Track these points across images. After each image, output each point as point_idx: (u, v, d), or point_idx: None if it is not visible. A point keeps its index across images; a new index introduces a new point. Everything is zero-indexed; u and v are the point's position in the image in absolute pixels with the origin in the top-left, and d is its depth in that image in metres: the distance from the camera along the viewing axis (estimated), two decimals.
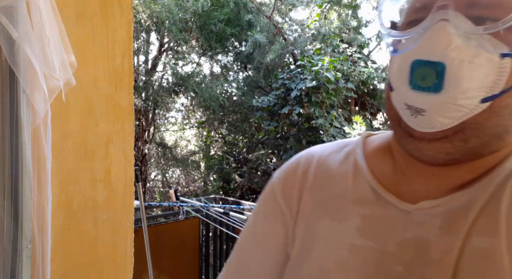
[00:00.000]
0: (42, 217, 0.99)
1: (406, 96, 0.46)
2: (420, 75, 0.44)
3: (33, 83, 0.94)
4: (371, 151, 0.59)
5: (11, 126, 0.94)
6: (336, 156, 0.61)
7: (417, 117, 0.46)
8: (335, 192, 0.57)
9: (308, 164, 0.62)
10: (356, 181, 0.56)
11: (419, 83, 0.44)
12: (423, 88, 0.44)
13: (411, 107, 0.46)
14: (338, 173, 0.59)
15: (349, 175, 0.58)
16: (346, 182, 0.57)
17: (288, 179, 0.63)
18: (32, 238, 0.97)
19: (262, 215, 0.65)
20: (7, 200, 0.94)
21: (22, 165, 0.94)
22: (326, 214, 0.56)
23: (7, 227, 0.94)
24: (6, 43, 0.90)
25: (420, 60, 0.44)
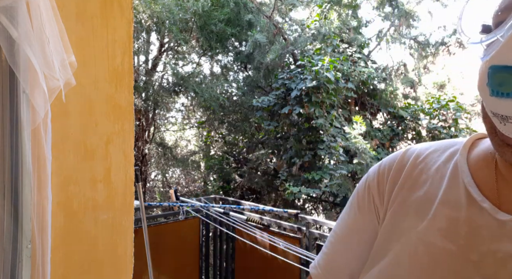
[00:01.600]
0: (42, 217, 0.99)
1: (489, 103, 0.44)
2: (497, 81, 0.42)
3: (33, 83, 0.94)
4: (475, 155, 0.56)
5: (11, 126, 0.94)
6: (438, 156, 0.59)
7: (506, 124, 0.43)
8: (426, 191, 0.56)
9: (406, 161, 0.61)
10: (451, 182, 0.54)
11: (497, 88, 0.42)
12: (502, 94, 0.42)
13: (496, 114, 0.44)
14: (436, 173, 0.57)
15: (445, 175, 0.55)
16: (441, 182, 0.55)
17: (382, 174, 0.63)
18: (32, 238, 0.97)
19: (355, 207, 0.65)
20: (7, 200, 0.94)
21: (22, 165, 0.94)
22: (412, 211, 0.55)
23: (7, 227, 0.94)
24: (6, 43, 0.90)
25: (496, 66, 0.42)
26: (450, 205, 0.52)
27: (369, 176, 0.66)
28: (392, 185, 0.60)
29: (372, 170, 0.66)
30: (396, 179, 0.60)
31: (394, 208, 0.58)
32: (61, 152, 1.20)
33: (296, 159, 6.66)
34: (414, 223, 0.54)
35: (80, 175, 1.26)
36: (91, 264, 1.30)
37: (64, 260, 1.22)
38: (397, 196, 0.59)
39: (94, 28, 1.26)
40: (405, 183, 0.59)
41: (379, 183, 0.62)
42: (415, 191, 0.57)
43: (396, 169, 0.61)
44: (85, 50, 1.24)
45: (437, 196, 0.54)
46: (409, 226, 0.54)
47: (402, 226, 0.55)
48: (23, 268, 0.95)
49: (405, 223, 0.55)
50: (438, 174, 0.56)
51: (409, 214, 0.55)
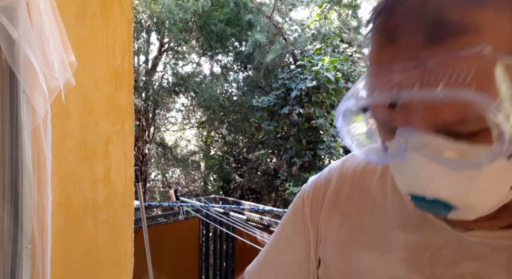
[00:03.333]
0: (42, 217, 0.99)
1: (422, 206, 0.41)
2: (426, 208, 0.41)
3: (33, 83, 0.94)
4: None
5: (11, 126, 0.94)
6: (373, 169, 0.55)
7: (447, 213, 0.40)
8: (374, 217, 0.52)
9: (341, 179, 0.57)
10: (396, 201, 0.51)
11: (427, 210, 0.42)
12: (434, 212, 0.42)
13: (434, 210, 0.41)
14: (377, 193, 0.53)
15: (388, 193, 0.52)
16: (385, 203, 0.52)
17: (317, 195, 0.59)
18: (32, 238, 0.97)
19: (288, 225, 0.63)
20: (7, 200, 0.94)
21: (22, 165, 0.94)
22: (366, 243, 0.51)
23: (7, 227, 0.94)
24: (6, 43, 0.90)
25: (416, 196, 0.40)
26: (403, 229, 0.49)
27: (305, 191, 0.62)
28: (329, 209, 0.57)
29: (309, 185, 0.62)
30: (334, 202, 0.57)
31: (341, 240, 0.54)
32: (61, 152, 1.20)
33: (296, 159, 6.66)
34: (373, 258, 0.50)
35: (80, 175, 1.26)
36: (91, 264, 1.30)
37: (64, 260, 1.22)
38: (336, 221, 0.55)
39: (94, 28, 1.26)
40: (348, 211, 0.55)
41: (312, 203, 0.59)
42: (361, 219, 0.53)
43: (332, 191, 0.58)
44: (85, 50, 1.24)
45: (386, 221, 0.51)
46: (368, 262, 0.50)
47: (359, 262, 0.51)
48: (23, 268, 0.95)
49: (362, 259, 0.51)
50: (379, 193, 0.53)
51: (363, 248, 0.51)
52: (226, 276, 4.83)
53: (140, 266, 2.60)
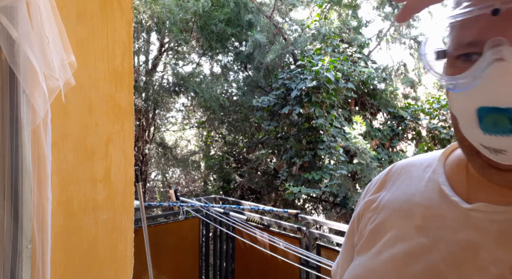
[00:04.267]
0: (42, 217, 0.99)
1: (480, 138, 0.45)
2: (491, 122, 0.43)
3: (33, 83, 0.94)
4: (451, 161, 0.62)
5: (11, 126, 0.94)
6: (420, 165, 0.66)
7: (498, 155, 0.45)
8: (407, 194, 0.62)
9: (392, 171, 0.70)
10: (428, 185, 0.60)
11: (491, 128, 0.43)
12: (497, 131, 0.43)
13: (488, 148, 0.45)
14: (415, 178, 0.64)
15: (424, 179, 0.62)
16: (419, 185, 0.62)
17: (372, 184, 0.72)
18: (32, 238, 0.97)
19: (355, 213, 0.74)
20: (7, 200, 0.94)
21: (22, 165, 0.94)
22: (394, 211, 0.62)
23: (7, 227, 0.94)
24: (6, 43, 0.90)
25: (486, 108, 0.42)
26: (425, 204, 0.59)
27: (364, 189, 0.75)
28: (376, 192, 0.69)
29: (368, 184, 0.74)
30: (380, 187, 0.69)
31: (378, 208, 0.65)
32: (61, 152, 1.20)
33: (296, 159, 6.66)
34: (396, 220, 0.61)
35: (80, 175, 1.26)
36: (91, 264, 1.30)
37: (64, 260, 1.22)
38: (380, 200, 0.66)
39: (94, 28, 1.26)
40: (390, 189, 0.67)
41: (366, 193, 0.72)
42: (397, 195, 0.64)
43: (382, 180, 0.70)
44: (85, 50, 1.24)
45: (415, 197, 0.61)
46: (390, 223, 0.61)
47: (384, 223, 0.62)
48: (23, 268, 0.95)
49: (388, 223, 0.62)
50: (417, 179, 0.63)
51: (390, 213, 0.63)
52: (226, 276, 4.83)
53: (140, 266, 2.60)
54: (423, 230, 0.56)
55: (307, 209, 7.91)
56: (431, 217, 0.56)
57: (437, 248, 0.53)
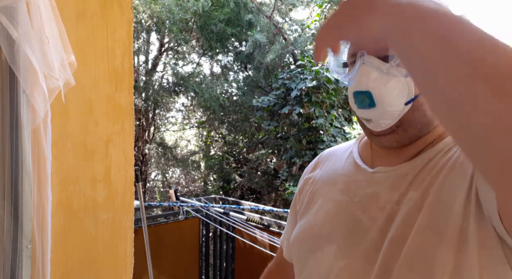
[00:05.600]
0: (42, 217, 0.99)
1: (358, 112, 0.72)
2: (359, 99, 0.69)
3: (33, 83, 0.94)
4: (362, 143, 0.87)
5: (11, 126, 0.94)
6: (342, 148, 0.92)
7: (369, 124, 0.71)
8: (332, 169, 0.87)
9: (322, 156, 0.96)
10: (347, 162, 0.85)
11: (360, 104, 0.69)
12: (363, 106, 0.69)
13: (363, 118, 0.72)
14: (339, 157, 0.88)
15: (344, 158, 0.87)
16: (341, 162, 0.86)
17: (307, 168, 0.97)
18: (32, 238, 0.97)
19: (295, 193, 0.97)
20: (7, 200, 0.94)
21: (22, 165, 0.94)
22: (325, 182, 0.86)
23: (7, 227, 0.94)
24: (6, 43, 0.90)
25: (356, 91, 0.69)
26: (345, 173, 0.82)
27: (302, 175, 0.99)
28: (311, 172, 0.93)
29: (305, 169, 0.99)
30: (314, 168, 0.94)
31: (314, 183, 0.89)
32: (61, 152, 1.20)
33: (296, 159, 6.66)
34: (326, 188, 0.84)
35: (80, 175, 1.26)
36: (91, 264, 1.30)
37: (64, 260, 1.22)
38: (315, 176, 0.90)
39: (94, 28, 1.26)
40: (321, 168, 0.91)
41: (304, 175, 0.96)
42: (326, 171, 0.89)
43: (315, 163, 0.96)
44: (85, 50, 1.24)
45: (338, 170, 0.85)
46: (322, 191, 0.84)
47: (318, 191, 0.86)
48: (23, 268, 0.95)
49: (320, 191, 0.85)
50: (340, 158, 0.88)
51: (322, 184, 0.86)
52: (226, 276, 4.83)
53: (140, 266, 2.60)
54: (345, 191, 0.78)
55: None
56: (350, 181, 0.79)
57: (354, 201, 0.75)
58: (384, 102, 0.66)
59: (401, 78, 0.66)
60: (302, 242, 0.82)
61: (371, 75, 0.66)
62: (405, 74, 0.66)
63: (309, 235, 0.81)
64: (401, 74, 0.66)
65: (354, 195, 0.76)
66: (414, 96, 0.67)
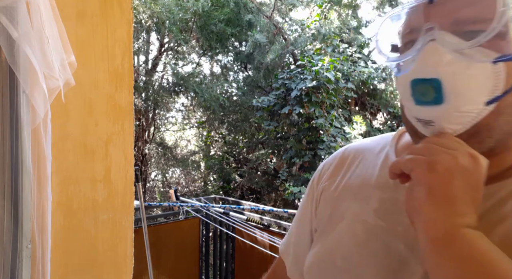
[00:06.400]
0: (42, 217, 0.99)
1: (414, 111, 0.52)
2: (419, 91, 0.50)
3: (33, 83, 0.94)
4: (401, 146, 0.67)
5: (11, 126, 0.94)
6: (373, 149, 0.70)
7: (428, 128, 0.51)
8: (363, 178, 0.66)
9: (345, 155, 0.73)
10: (382, 169, 0.64)
11: (420, 98, 0.50)
12: (425, 102, 0.49)
13: (420, 120, 0.52)
14: (370, 163, 0.67)
15: (378, 164, 0.66)
16: (374, 170, 0.65)
17: (325, 168, 0.75)
18: (32, 238, 0.97)
19: (305, 196, 0.78)
20: (7, 200, 0.94)
21: (22, 165, 0.94)
22: (351, 195, 0.66)
23: (7, 227, 0.94)
24: (6, 43, 0.90)
25: (416, 79, 0.50)
26: (381, 187, 0.62)
27: (316, 172, 0.77)
28: (332, 177, 0.71)
29: (319, 167, 0.78)
30: (336, 172, 0.71)
31: (335, 193, 0.68)
32: (61, 152, 1.20)
33: (296, 159, 6.66)
34: (354, 205, 0.64)
35: (80, 175, 1.26)
36: (91, 264, 1.30)
37: (64, 260, 1.22)
38: (337, 185, 0.69)
39: (94, 28, 1.26)
40: (345, 174, 0.70)
41: (319, 178, 0.74)
42: (353, 180, 0.68)
43: (336, 165, 0.73)
44: (85, 50, 1.24)
45: (370, 181, 0.64)
46: (348, 208, 0.65)
47: (342, 208, 0.66)
48: (23, 268, 0.95)
49: (345, 205, 0.65)
50: (372, 164, 0.67)
51: (348, 198, 0.66)
52: (226, 276, 4.83)
53: (140, 266, 2.60)
54: (380, 214, 0.60)
55: None
56: (388, 201, 0.60)
57: (395, 230, 0.57)
58: (458, 98, 0.47)
59: (487, 64, 0.46)
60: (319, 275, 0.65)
61: (443, 57, 0.47)
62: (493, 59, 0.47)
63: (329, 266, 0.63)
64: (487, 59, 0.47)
65: (394, 221, 0.57)
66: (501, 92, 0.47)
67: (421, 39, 0.49)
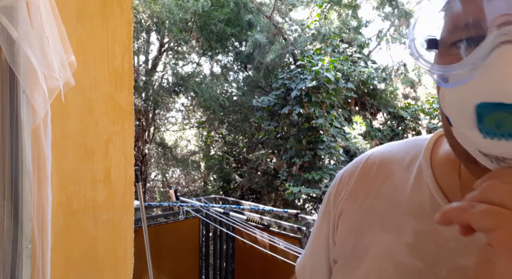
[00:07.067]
0: (42, 217, 0.99)
1: (479, 144, 0.37)
2: (494, 121, 0.34)
3: (33, 83, 0.94)
4: (439, 157, 0.52)
5: (11, 126, 0.94)
6: (401, 159, 0.55)
7: (500, 165, 0.37)
8: (391, 200, 0.52)
9: (368, 166, 0.58)
10: (415, 188, 0.51)
11: (493, 130, 0.34)
12: (500, 135, 0.34)
13: (488, 155, 0.37)
14: (399, 180, 0.53)
15: (409, 182, 0.52)
16: (404, 188, 0.52)
17: (343, 182, 0.60)
18: (32, 238, 0.97)
19: (320, 212, 0.65)
20: (7, 200, 0.94)
21: (22, 165, 0.94)
22: (377, 222, 0.53)
23: (7, 227, 0.94)
24: (6, 43, 0.90)
25: (489, 104, 0.34)
26: (415, 214, 0.49)
27: (335, 180, 0.63)
28: (352, 197, 0.58)
29: (339, 174, 0.63)
30: (357, 189, 0.57)
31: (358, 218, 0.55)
32: (61, 152, 1.20)
33: (296, 159, 6.66)
34: (380, 237, 0.51)
35: (80, 175, 1.26)
36: (91, 264, 1.30)
37: (64, 260, 1.22)
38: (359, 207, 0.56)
39: (94, 28, 1.26)
40: (369, 192, 0.56)
41: (338, 189, 0.61)
42: (379, 201, 0.54)
43: (357, 179, 0.58)
44: (85, 50, 1.24)
45: (401, 205, 0.51)
46: (375, 240, 0.52)
47: (367, 239, 0.53)
48: (23, 268, 0.95)
49: (370, 236, 0.53)
50: (401, 181, 0.53)
51: (374, 226, 0.53)
52: (226, 276, 4.83)
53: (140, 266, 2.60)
54: (416, 250, 0.47)
55: (307, 209, 7.91)
56: (425, 233, 0.47)
57: (436, 275, 0.45)
58: None
59: None
60: None
61: None
62: None
63: None
64: None
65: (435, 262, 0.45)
66: None
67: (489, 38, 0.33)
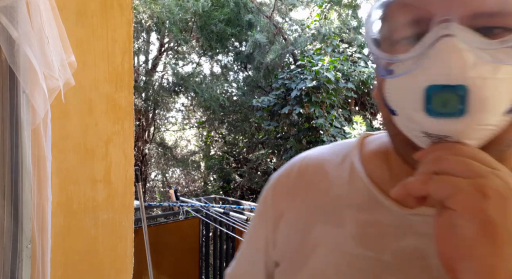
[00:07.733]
0: (42, 217, 0.99)
1: (424, 124, 0.41)
2: (440, 101, 0.39)
3: (33, 83, 0.94)
4: (368, 154, 0.57)
5: (11, 126, 0.94)
6: (333, 159, 0.59)
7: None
8: (330, 197, 0.55)
9: (303, 168, 0.61)
10: (352, 185, 0.54)
11: (439, 109, 0.39)
12: (445, 114, 0.39)
13: (431, 135, 0.41)
14: (335, 177, 0.57)
15: (344, 178, 0.56)
16: (342, 185, 0.55)
17: (280, 183, 0.62)
18: (32, 238, 0.97)
19: (255, 216, 0.66)
20: (7, 200, 0.94)
21: (22, 165, 0.94)
22: (321, 219, 0.55)
23: (7, 227, 0.94)
24: (6, 43, 0.90)
25: (436, 85, 0.39)
26: (355, 207, 0.52)
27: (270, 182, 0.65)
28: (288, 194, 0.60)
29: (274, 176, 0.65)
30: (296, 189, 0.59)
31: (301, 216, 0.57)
32: (61, 152, 1.20)
33: None
34: (327, 232, 0.53)
35: (80, 175, 1.26)
36: (91, 264, 1.30)
37: (64, 260, 1.22)
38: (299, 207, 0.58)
39: (94, 28, 1.26)
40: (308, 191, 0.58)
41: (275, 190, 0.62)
42: (318, 199, 0.56)
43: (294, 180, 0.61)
44: (85, 50, 1.24)
45: (341, 200, 0.54)
46: (322, 235, 0.54)
47: (312, 237, 0.54)
48: (23, 268, 0.95)
49: (316, 233, 0.54)
50: (337, 178, 0.56)
51: (318, 222, 0.55)
52: None
53: (140, 266, 2.60)
54: (362, 240, 0.50)
55: None
56: (367, 223, 0.50)
57: (382, 260, 0.48)
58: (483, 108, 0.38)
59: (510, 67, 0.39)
60: None
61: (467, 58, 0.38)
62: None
63: None
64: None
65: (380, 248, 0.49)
66: None
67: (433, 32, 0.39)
